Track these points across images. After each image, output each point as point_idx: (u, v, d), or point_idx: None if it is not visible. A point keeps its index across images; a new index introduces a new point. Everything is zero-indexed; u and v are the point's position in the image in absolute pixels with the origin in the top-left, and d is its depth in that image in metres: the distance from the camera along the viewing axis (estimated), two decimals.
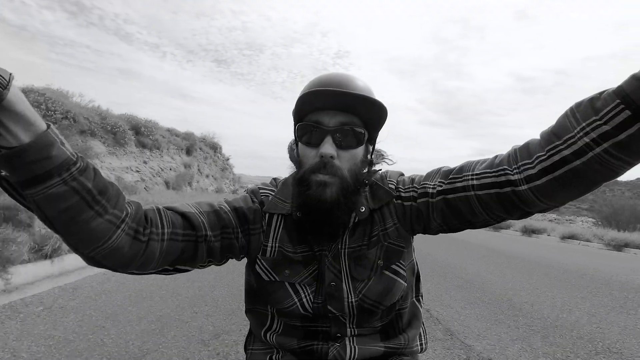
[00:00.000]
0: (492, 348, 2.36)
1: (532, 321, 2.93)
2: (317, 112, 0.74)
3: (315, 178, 0.72)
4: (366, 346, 0.80)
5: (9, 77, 0.44)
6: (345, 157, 0.74)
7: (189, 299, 3.07)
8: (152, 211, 0.66)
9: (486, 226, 0.72)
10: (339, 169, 0.72)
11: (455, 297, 3.58)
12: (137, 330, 2.35)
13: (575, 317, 3.09)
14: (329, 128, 0.73)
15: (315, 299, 0.77)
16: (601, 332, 2.75)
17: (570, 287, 4.19)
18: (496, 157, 0.68)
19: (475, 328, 2.72)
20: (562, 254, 7.29)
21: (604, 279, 4.72)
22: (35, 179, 0.49)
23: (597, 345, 2.49)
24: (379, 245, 0.78)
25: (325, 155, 0.71)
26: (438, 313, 3.05)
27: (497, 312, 3.15)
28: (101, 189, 0.55)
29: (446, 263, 5.45)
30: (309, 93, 0.71)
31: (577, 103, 0.57)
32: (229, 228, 0.75)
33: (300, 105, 0.74)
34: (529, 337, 2.57)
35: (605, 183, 0.59)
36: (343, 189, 0.72)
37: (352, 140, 0.74)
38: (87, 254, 0.57)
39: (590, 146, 0.53)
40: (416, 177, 0.80)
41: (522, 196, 0.62)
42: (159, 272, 0.69)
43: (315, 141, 0.74)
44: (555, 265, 5.68)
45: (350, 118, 0.74)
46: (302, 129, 0.76)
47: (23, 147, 0.47)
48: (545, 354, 2.30)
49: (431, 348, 2.31)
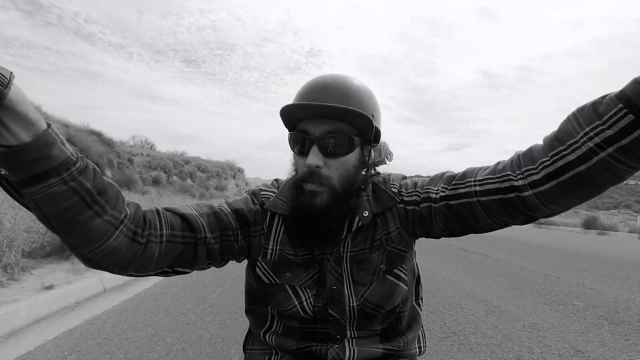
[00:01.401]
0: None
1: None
2: (303, 122, 0.74)
3: (305, 187, 0.72)
4: (365, 348, 0.79)
5: (9, 75, 0.44)
6: (334, 165, 0.73)
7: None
8: (151, 212, 0.66)
9: (490, 231, 0.72)
10: (327, 178, 0.72)
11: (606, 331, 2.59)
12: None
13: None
14: (315, 137, 0.72)
15: (315, 302, 0.76)
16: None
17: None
18: (499, 163, 0.68)
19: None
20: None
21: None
22: (34, 178, 0.49)
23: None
24: (382, 249, 0.78)
25: (310, 166, 0.71)
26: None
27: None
28: (100, 190, 0.55)
29: (541, 274, 4.52)
30: (290, 106, 0.71)
31: (580, 108, 0.56)
32: (229, 230, 0.74)
33: (285, 118, 0.74)
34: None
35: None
36: (333, 197, 0.72)
37: (339, 147, 0.72)
38: (85, 254, 0.57)
39: (594, 151, 0.53)
40: (419, 181, 0.80)
41: (527, 202, 0.62)
42: (157, 274, 0.69)
43: (304, 150, 0.74)
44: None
45: (338, 125, 0.72)
46: (292, 138, 0.76)
47: (23, 146, 0.47)
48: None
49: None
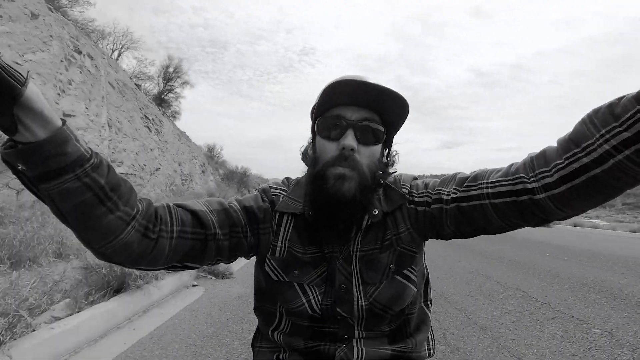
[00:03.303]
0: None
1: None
2: (339, 107, 0.75)
3: (334, 171, 0.71)
4: (374, 349, 0.79)
5: (26, 74, 0.45)
6: (365, 152, 0.74)
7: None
8: (163, 208, 0.67)
9: (500, 232, 0.71)
10: (358, 163, 0.72)
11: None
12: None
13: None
14: (351, 122, 0.73)
15: (324, 301, 0.76)
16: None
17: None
18: (511, 165, 0.67)
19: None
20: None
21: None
22: (49, 174, 0.50)
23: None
24: (392, 249, 0.77)
25: (347, 147, 0.71)
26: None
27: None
28: (114, 186, 0.56)
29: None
30: (333, 85, 0.71)
31: (595, 110, 0.55)
32: (238, 227, 0.75)
33: (323, 99, 0.74)
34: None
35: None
36: (361, 184, 0.72)
37: (372, 137, 0.75)
38: (98, 249, 0.59)
39: (610, 153, 0.52)
40: (430, 182, 0.79)
41: (540, 204, 0.61)
42: (167, 269, 0.70)
43: (336, 135, 0.74)
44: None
45: (372, 115, 0.75)
46: (323, 123, 0.76)
47: (39, 142, 0.48)
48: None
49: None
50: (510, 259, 5.61)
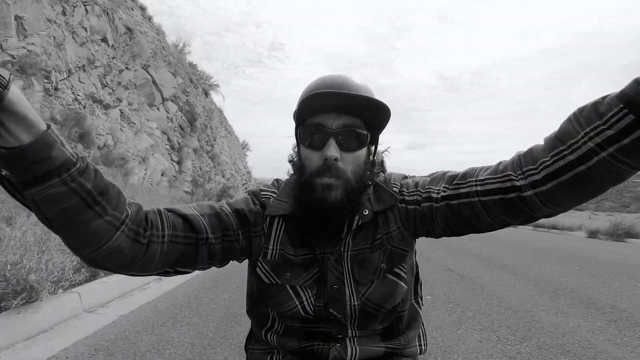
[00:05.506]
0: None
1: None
2: (319, 115, 0.74)
3: (320, 181, 0.72)
4: (367, 347, 0.79)
5: (8, 77, 0.44)
6: (349, 159, 0.74)
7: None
8: (153, 213, 0.66)
9: (490, 230, 0.72)
10: (343, 172, 0.72)
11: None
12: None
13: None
14: (332, 130, 0.73)
15: (316, 302, 0.76)
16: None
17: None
18: (499, 163, 0.68)
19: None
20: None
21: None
22: (35, 180, 0.49)
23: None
24: (383, 248, 0.78)
25: (329, 158, 0.71)
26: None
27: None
28: (101, 190, 0.55)
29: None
30: (312, 96, 0.70)
31: (580, 108, 0.56)
32: (230, 230, 0.74)
33: (302, 108, 0.74)
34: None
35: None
36: (347, 191, 0.72)
37: (355, 142, 0.74)
38: (87, 255, 0.57)
39: (595, 151, 0.53)
40: (420, 180, 0.80)
41: (528, 201, 0.62)
42: (159, 274, 0.69)
43: (319, 144, 0.74)
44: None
45: (353, 120, 0.74)
46: (305, 131, 0.76)
47: (23, 147, 0.47)
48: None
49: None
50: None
